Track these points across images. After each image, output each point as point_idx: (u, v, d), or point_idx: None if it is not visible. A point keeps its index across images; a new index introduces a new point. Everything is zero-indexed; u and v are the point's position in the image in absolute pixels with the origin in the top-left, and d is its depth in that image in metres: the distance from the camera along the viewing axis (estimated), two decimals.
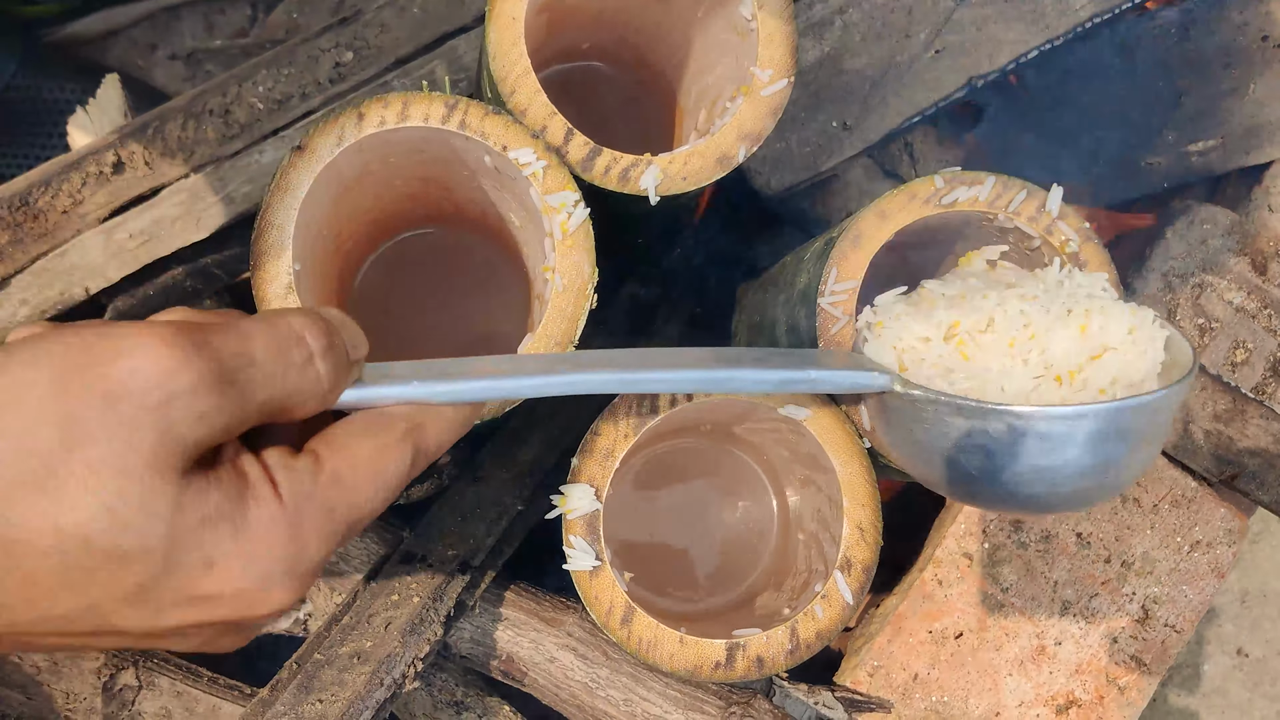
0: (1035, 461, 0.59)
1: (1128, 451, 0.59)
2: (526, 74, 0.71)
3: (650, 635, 0.70)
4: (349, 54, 1.03)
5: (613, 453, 0.71)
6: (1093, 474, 0.59)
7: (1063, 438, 0.58)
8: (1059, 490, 0.60)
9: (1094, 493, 0.61)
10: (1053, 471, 0.59)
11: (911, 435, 0.65)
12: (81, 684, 0.87)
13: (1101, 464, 0.59)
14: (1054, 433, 0.58)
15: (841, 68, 1.06)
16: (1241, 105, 1.11)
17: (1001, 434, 0.59)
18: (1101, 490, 0.61)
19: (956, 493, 0.65)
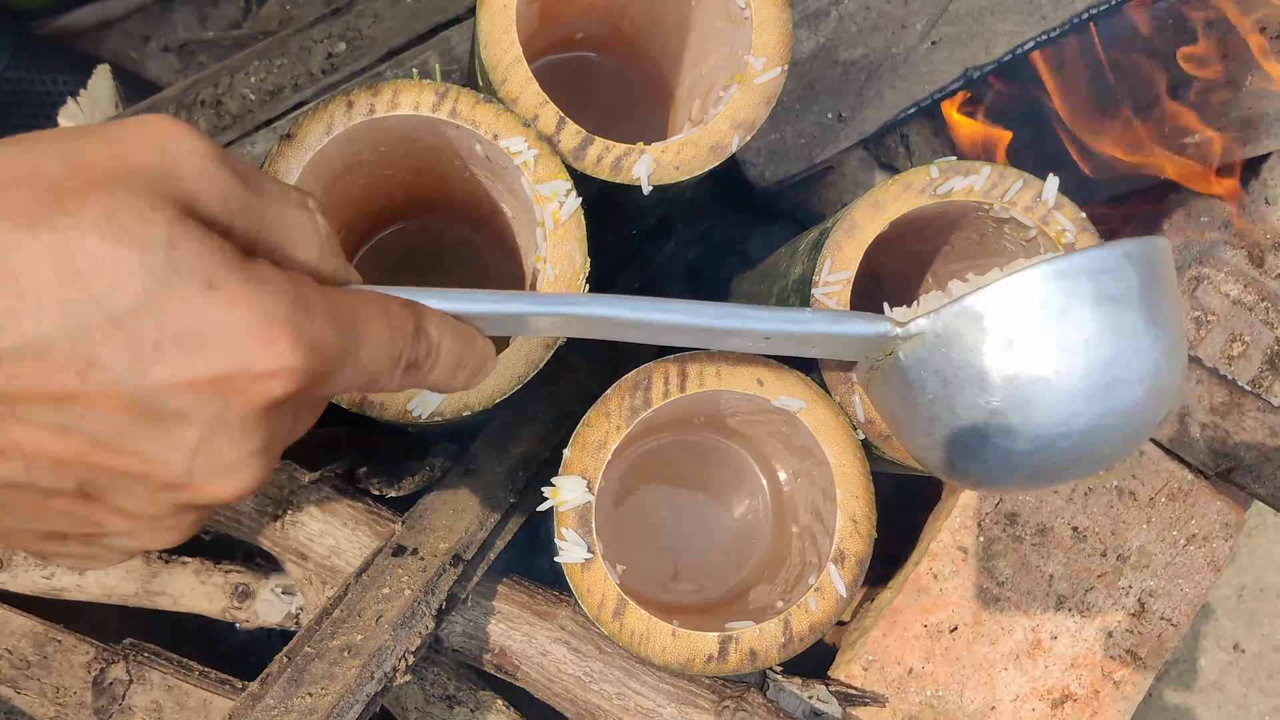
0: (1034, 372, 0.58)
1: (1118, 337, 0.58)
2: (518, 62, 0.70)
3: (642, 628, 0.70)
4: (341, 45, 1.02)
5: (605, 444, 0.71)
6: (1096, 387, 0.58)
7: (1051, 307, 0.58)
8: (1068, 431, 0.59)
9: (1101, 424, 0.59)
10: (1055, 393, 0.58)
11: (907, 403, 0.63)
12: (71, 678, 0.86)
13: (1101, 364, 0.58)
14: (1045, 299, 0.58)
15: (837, 59, 1.05)
16: (1238, 97, 1.10)
17: (999, 359, 0.59)
18: (1109, 416, 0.59)
19: (960, 464, 0.63)
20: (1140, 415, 0.59)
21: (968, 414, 0.60)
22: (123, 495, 0.43)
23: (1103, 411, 0.58)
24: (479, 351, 0.55)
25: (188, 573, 0.94)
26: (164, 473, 0.42)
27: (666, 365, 0.72)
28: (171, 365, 0.40)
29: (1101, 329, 0.58)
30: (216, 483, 0.43)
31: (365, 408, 0.67)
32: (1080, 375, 0.58)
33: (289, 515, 0.85)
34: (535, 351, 0.68)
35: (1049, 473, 0.62)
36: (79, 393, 0.39)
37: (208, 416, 0.41)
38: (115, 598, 0.93)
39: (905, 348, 0.62)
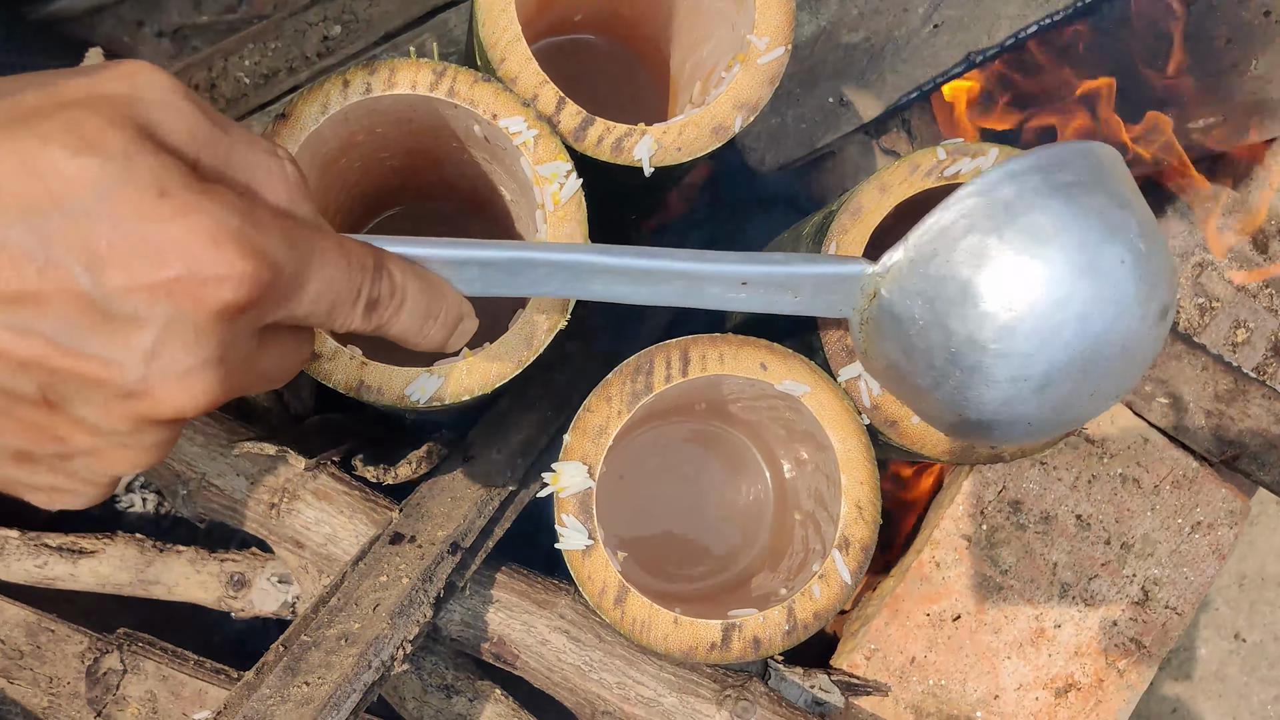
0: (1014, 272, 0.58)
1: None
2: (517, 40, 0.69)
3: (644, 616, 0.69)
4: (337, 28, 1.01)
5: (606, 429, 0.70)
6: (1079, 266, 0.57)
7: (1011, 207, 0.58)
8: (1064, 318, 0.58)
9: (1096, 308, 0.58)
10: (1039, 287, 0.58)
11: (902, 344, 0.62)
12: (65, 668, 0.85)
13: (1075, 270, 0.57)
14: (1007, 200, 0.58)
15: (838, 42, 1.04)
16: (1243, 82, 1.09)
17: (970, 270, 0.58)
18: (1102, 296, 0.58)
19: (973, 402, 0.62)
20: (1134, 296, 0.58)
21: (961, 328, 0.59)
22: (83, 403, 0.44)
23: (1094, 293, 0.57)
24: (451, 303, 0.56)
25: (182, 561, 0.93)
26: (120, 377, 0.43)
27: (669, 349, 0.71)
28: (125, 267, 0.41)
29: (1067, 213, 0.58)
30: (172, 390, 0.44)
31: (363, 392, 0.66)
32: (1060, 259, 0.57)
33: (285, 503, 0.84)
34: (537, 336, 0.67)
35: (1062, 383, 0.60)
36: (37, 291, 0.41)
37: (161, 319, 0.42)
38: (109, 587, 0.92)
39: (886, 284, 0.61)
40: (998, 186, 0.58)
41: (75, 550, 0.92)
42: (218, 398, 0.45)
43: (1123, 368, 0.60)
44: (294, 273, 0.46)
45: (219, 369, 0.44)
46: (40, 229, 0.40)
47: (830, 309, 0.64)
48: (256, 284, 0.43)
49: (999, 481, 0.98)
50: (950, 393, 0.61)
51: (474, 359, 0.66)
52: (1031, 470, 0.98)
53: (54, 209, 0.40)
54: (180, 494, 0.86)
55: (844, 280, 0.63)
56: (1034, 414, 0.61)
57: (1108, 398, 0.62)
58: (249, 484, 0.85)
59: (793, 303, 0.64)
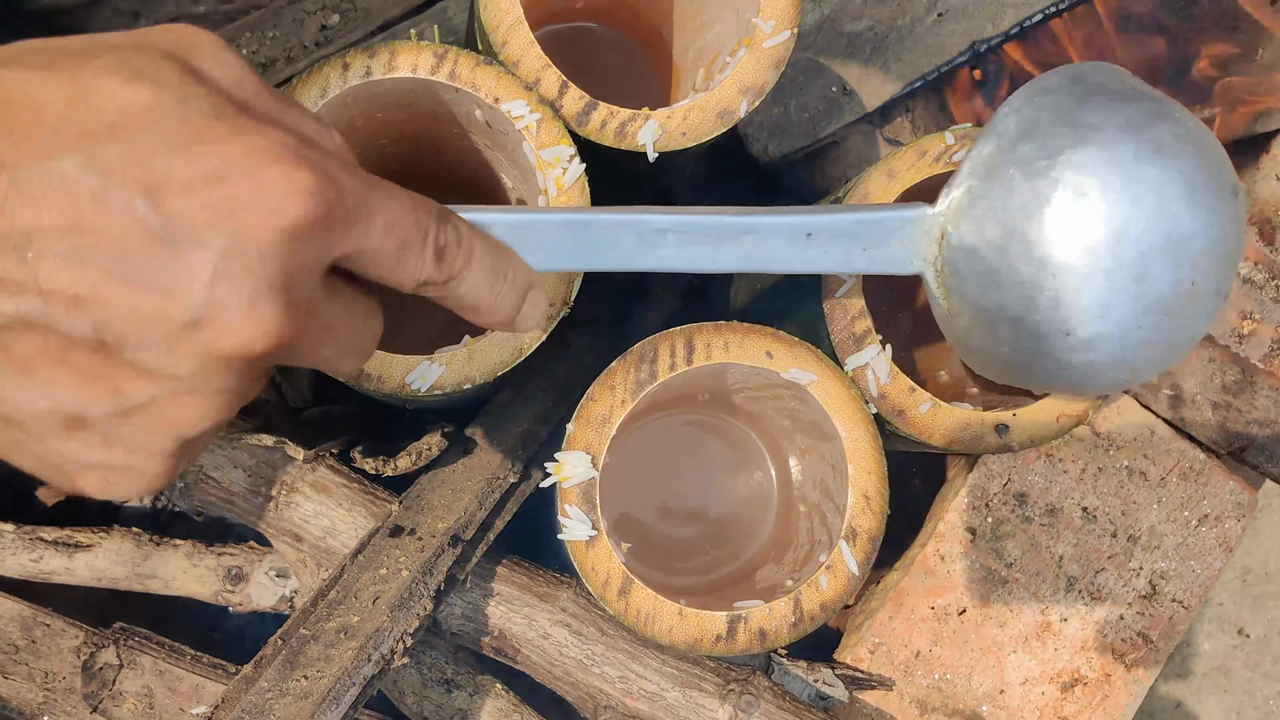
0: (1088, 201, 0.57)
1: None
2: (519, 24, 0.68)
3: (649, 607, 0.68)
4: (335, 16, 1.00)
5: (609, 419, 0.69)
6: (1143, 146, 0.57)
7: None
8: (1139, 193, 0.57)
9: (1170, 189, 0.57)
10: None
11: (984, 274, 0.60)
12: (60, 663, 0.84)
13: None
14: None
15: (841, 31, 1.03)
16: (1249, 71, 1.08)
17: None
18: (1170, 177, 0.57)
19: (1065, 329, 0.60)
20: (1197, 166, 0.57)
21: (1038, 232, 0.58)
22: (142, 342, 0.41)
23: (1159, 168, 0.57)
24: (519, 266, 0.54)
25: (179, 555, 0.92)
26: (180, 306, 0.40)
27: (673, 337, 0.70)
28: (183, 190, 0.40)
29: (1108, 104, 0.58)
30: (236, 318, 0.41)
31: (364, 381, 0.65)
32: (1117, 140, 0.57)
33: (283, 495, 0.83)
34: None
35: (1159, 270, 0.58)
36: (93, 220, 0.39)
37: (222, 242, 0.40)
38: (105, 581, 0.91)
39: (951, 221, 0.60)
40: (1033, 98, 0.59)
41: (71, 544, 0.91)
42: (285, 332, 0.42)
43: (1212, 248, 0.58)
44: (360, 195, 0.44)
45: (284, 298, 0.42)
46: (94, 157, 0.39)
47: (900, 263, 0.63)
48: (320, 201, 0.42)
49: (1004, 474, 0.97)
50: (1049, 309, 0.59)
51: (475, 346, 0.66)
52: (1037, 463, 0.97)
53: (108, 136, 0.39)
54: (177, 486, 0.85)
55: (908, 225, 0.62)
56: (1141, 315, 0.59)
57: (1210, 293, 0.60)
58: (247, 476, 0.84)
59: (863, 256, 0.62)
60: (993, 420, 0.71)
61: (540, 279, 0.56)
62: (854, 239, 0.61)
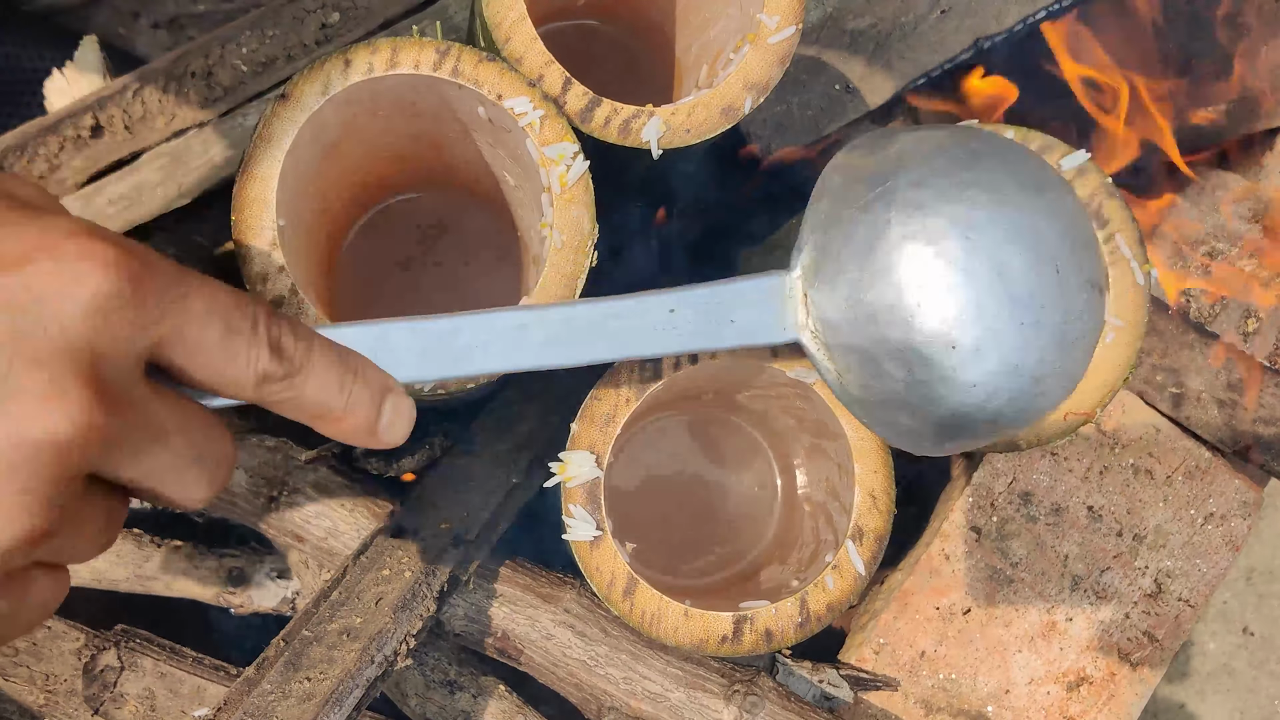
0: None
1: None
2: (522, 20, 0.68)
3: (654, 608, 0.68)
4: (335, 14, 0.99)
5: (614, 418, 0.68)
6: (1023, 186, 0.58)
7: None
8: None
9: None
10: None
11: (857, 333, 0.60)
12: (62, 665, 0.84)
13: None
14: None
15: (844, 28, 1.03)
16: (1253, 69, 1.08)
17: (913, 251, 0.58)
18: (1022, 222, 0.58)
19: (947, 386, 0.59)
20: (1031, 173, 0.59)
21: (891, 253, 0.58)
22: None
23: (986, 176, 0.58)
24: (371, 371, 0.50)
25: (180, 557, 0.92)
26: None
27: None
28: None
29: (924, 134, 0.60)
30: (38, 401, 0.38)
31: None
32: (942, 184, 0.58)
33: (284, 496, 0.83)
34: None
35: (1011, 258, 0.58)
36: None
37: (20, 321, 0.38)
38: (105, 583, 0.91)
39: (807, 279, 0.61)
40: (847, 156, 0.61)
41: None
42: (95, 418, 0.39)
43: (1062, 235, 0.59)
44: (171, 276, 0.41)
45: (92, 377, 0.39)
46: None
47: (774, 331, 0.62)
48: (124, 272, 0.39)
49: (1009, 473, 0.96)
50: (924, 323, 0.58)
51: None
52: (1042, 461, 0.96)
53: None
54: None
55: (769, 291, 0.61)
56: (1018, 312, 0.58)
57: (1080, 283, 0.59)
58: (248, 477, 0.83)
59: (734, 330, 0.61)
60: None
61: (398, 384, 0.51)
62: (721, 311, 0.61)
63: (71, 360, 0.38)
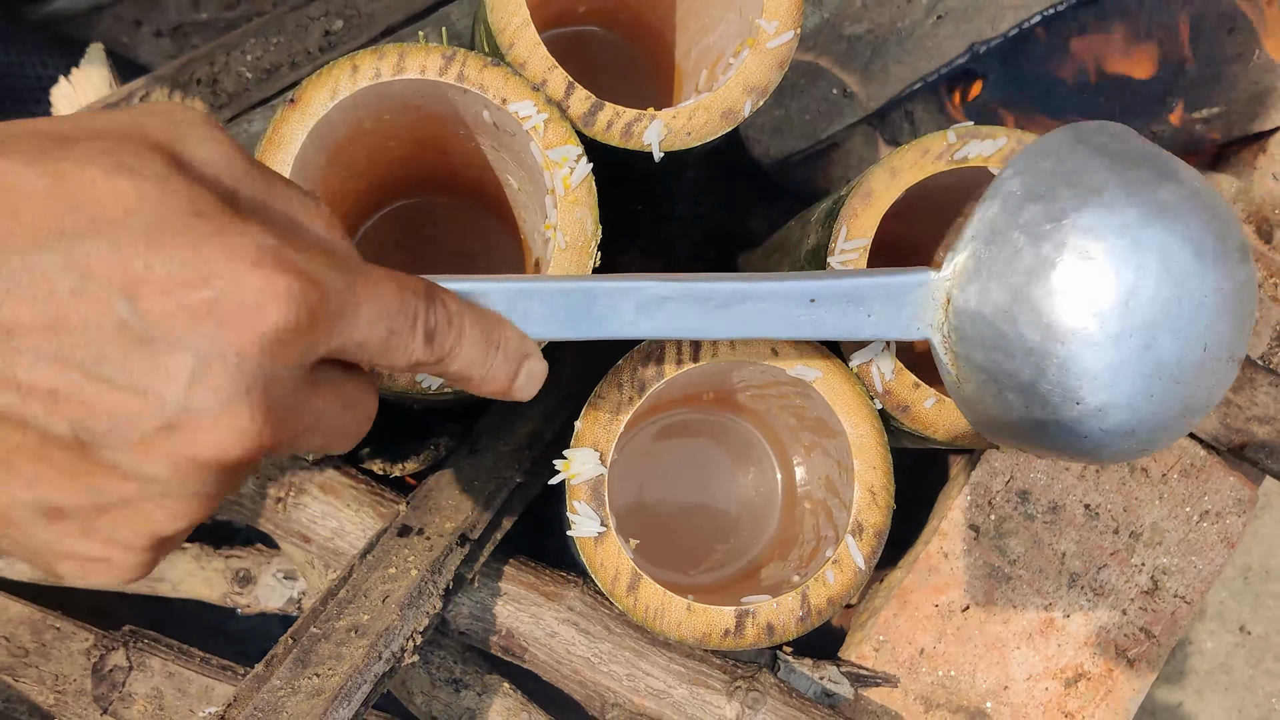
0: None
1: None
2: (525, 25, 0.69)
3: (657, 603, 0.68)
4: (339, 22, 1.01)
5: (617, 416, 0.69)
6: (1147, 207, 0.56)
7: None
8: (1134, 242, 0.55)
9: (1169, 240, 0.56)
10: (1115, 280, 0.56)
11: (991, 339, 0.59)
12: (70, 666, 0.85)
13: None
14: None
15: (842, 33, 1.04)
16: (1246, 71, 1.09)
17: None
18: (1172, 235, 0.56)
19: (1073, 396, 0.58)
20: (1205, 227, 0.56)
21: (1045, 296, 0.57)
22: (118, 443, 0.41)
23: (1165, 232, 0.55)
24: (512, 336, 0.54)
25: (187, 558, 0.92)
26: (157, 407, 0.40)
27: None
28: (162, 288, 0.39)
29: (1114, 165, 0.57)
30: (212, 424, 0.41)
31: (373, 377, 0.65)
32: (1121, 203, 0.56)
33: (291, 497, 0.84)
34: None
35: (1165, 336, 0.56)
36: (72, 318, 0.39)
37: (202, 344, 0.40)
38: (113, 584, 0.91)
39: (957, 285, 0.60)
40: (1037, 159, 0.58)
41: None
42: (264, 437, 0.42)
43: (1224, 313, 0.57)
44: (342, 295, 0.43)
45: (263, 403, 0.41)
46: (74, 253, 0.38)
47: (907, 328, 0.62)
48: (301, 305, 0.41)
49: (1007, 471, 0.98)
50: (1057, 375, 0.58)
51: None
52: (1039, 460, 0.98)
53: (88, 233, 0.39)
54: None
55: (913, 289, 0.61)
56: (1151, 381, 0.57)
57: (1223, 359, 0.58)
58: (254, 478, 0.84)
59: (869, 323, 0.62)
60: None
61: (535, 347, 0.55)
62: (860, 303, 0.61)
63: (246, 388, 0.41)
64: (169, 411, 0.40)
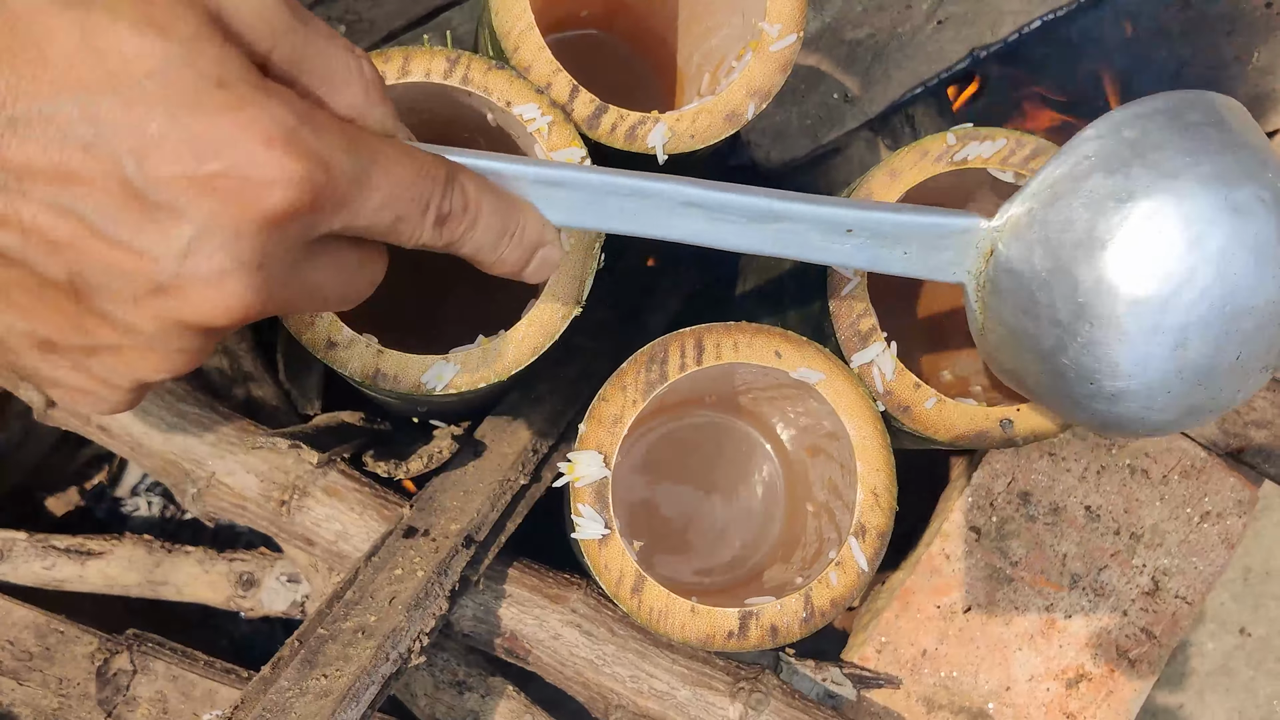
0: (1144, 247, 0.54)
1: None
2: (530, 29, 0.69)
3: (661, 605, 0.69)
4: (340, 27, 1.01)
5: (621, 419, 0.70)
6: (1216, 202, 0.53)
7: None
8: (1200, 256, 0.53)
9: (1234, 246, 0.53)
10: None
11: (1023, 302, 0.58)
12: (75, 669, 0.85)
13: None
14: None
15: (842, 39, 1.05)
16: (1244, 74, 1.10)
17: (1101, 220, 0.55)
18: (1241, 234, 0.53)
19: (1090, 377, 0.57)
20: (1276, 239, 0.54)
21: (1089, 274, 0.55)
22: (111, 296, 0.42)
23: (1231, 232, 0.53)
24: (530, 225, 0.54)
25: (191, 561, 0.93)
26: (151, 270, 0.41)
27: (683, 338, 0.71)
28: (172, 155, 0.40)
29: (1198, 149, 0.54)
30: (203, 292, 0.42)
31: (379, 380, 0.65)
32: (1193, 194, 0.53)
33: (295, 500, 0.84)
34: (551, 323, 0.67)
35: (1202, 341, 0.55)
36: (81, 170, 0.40)
37: (203, 215, 0.41)
38: (117, 588, 0.92)
39: (1003, 238, 0.58)
40: (1121, 127, 0.56)
41: (83, 552, 0.91)
42: (253, 308, 0.43)
43: (1268, 327, 0.55)
44: (353, 180, 0.44)
45: (257, 276, 0.42)
46: (92, 107, 0.39)
47: (941, 270, 0.61)
48: (307, 189, 0.42)
49: (1008, 473, 0.98)
50: (1079, 354, 0.57)
51: (489, 345, 0.66)
52: (1040, 461, 0.98)
53: (109, 88, 0.39)
54: (189, 493, 0.85)
55: (957, 235, 0.59)
56: (1173, 379, 0.56)
57: (1255, 370, 0.57)
58: (259, 482, 0.84)
59: (902, 260, 0.60)
60: (997, 415, 0.72)
61: (554, 235, 0.55)
62: (898, 241, 0.59)
63: (241, 262, 0.42)
64: (163, 275, 0.41)
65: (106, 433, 0.85)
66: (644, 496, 0.88)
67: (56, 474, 1.08)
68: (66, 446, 1.07)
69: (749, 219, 0.58)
